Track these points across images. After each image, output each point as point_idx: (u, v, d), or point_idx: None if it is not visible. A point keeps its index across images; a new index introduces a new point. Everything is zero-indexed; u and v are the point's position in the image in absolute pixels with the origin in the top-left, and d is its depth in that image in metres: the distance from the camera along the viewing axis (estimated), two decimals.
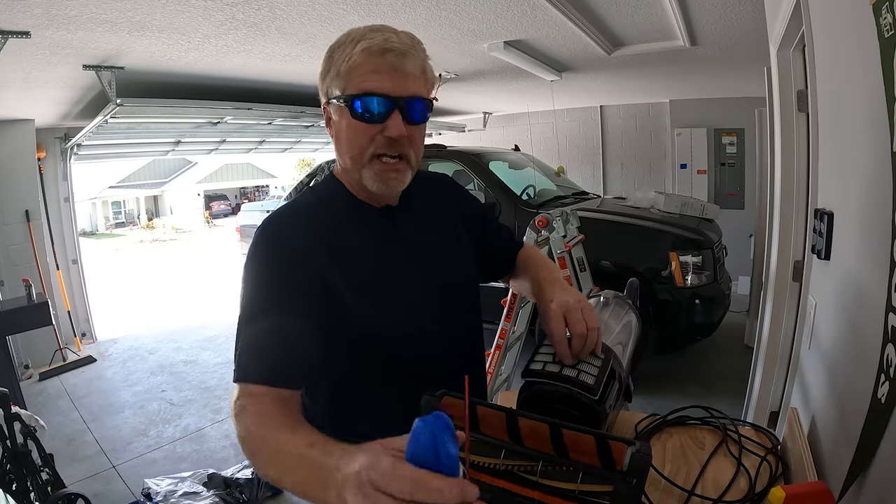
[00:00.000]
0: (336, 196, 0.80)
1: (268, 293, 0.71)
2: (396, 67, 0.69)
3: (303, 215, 0.76)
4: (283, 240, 0.72)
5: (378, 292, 0.76)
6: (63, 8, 1.89)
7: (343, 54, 0.71)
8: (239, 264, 5.86)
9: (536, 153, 4.99)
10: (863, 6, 0.63)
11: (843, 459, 0.66)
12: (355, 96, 0.70)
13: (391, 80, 0.69)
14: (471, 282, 0.91)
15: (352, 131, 0.72)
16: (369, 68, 0.69)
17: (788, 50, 1.73)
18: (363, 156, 0.73)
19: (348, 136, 0.73)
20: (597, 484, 0.49)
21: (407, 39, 0.71)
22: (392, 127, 0.70)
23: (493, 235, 0.99)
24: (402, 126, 0.70)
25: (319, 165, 4.78)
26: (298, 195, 0.84)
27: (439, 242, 0.86)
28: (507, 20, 2.49)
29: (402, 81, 0.70)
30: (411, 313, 0.78)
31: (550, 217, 2.38)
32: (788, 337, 1.77)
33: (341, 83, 0.71)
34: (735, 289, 3.80)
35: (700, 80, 4.23)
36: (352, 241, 0.76)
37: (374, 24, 0.73)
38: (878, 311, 0.59)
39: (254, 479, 2.27)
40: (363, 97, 0.69)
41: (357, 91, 0.70)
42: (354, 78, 0.70)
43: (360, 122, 0.71)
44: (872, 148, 0.67)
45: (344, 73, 0.70)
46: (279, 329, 0.68)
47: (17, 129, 4.01)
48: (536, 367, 0.71)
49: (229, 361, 4.09)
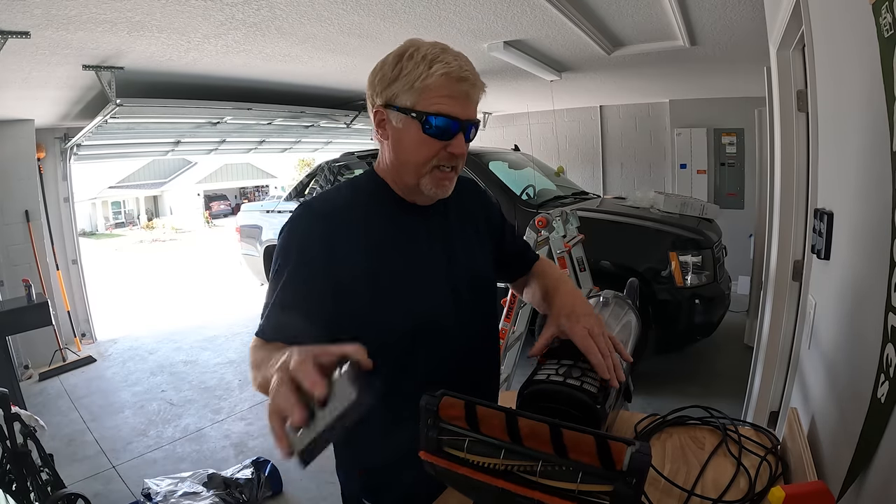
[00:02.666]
0: (378, 190, 0.87)
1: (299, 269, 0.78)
2: (468, 96, 0.79)
3: (342, 209, 0.83)
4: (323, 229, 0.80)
5: (409, 284, 0.83)
6: (63, 8, 1.89)
7: (418, 71, 0.77)
8: (239, 264, 5.87)
9: (536, 153, 4.99)
10: (863, 6, 0.63)
11: (842, 459, 0.66)
12: (430, 114, 0.77)
13: (462, 106, 0.79)
14: (492, 282, 0.99)
15: (421, 143, 0.80)
16: (446, 92, 0.77)
17: (788, 50, 1.73)
18: (427, 165, 0.81)
19: (416, 146, 0.80)
20: (597, 484, 0.49)
21: (473, 70, 0.81)
22: (456, 145, 0.80)
23: (509, 242, 1.06)
24: (465, 145, 0.81)
25: (319, 165, 4.77)
26: (334, 187, 0.92)
27: (467, 242, 0.93)
28: (507, 20, 2.49)
29: (468, 108, 0.80)
30: (437, 307, 0.85)
31: (550, 217, 2.38)
32: (788, 337, 1.77)
33: (413, 97, 0.78)
34: (735, 289, 3.80)
35: (700, 80, 4.24)
36: (387, 235, 0.83)
37: (437, 42, 0.81)
38: (878, 311, 0.59)
39: (254, 479, 2.26)
40: (439, 117, 0.77)
41: (433, 111, 0.77)
42: (431, 97, 0.77)
43: (430, 136, 0.79)
44: (872, 148, 0.67)
45: (419, 89, 0.77)
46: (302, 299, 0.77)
47: (17, 129, 4.02)
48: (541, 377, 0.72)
49: (229, 361, 4.12)
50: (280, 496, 2.29)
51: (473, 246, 0.94)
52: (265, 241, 4.95)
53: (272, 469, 2.35)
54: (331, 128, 5.11)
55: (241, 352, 4.33)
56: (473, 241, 0.95)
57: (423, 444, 0.58)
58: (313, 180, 4.80)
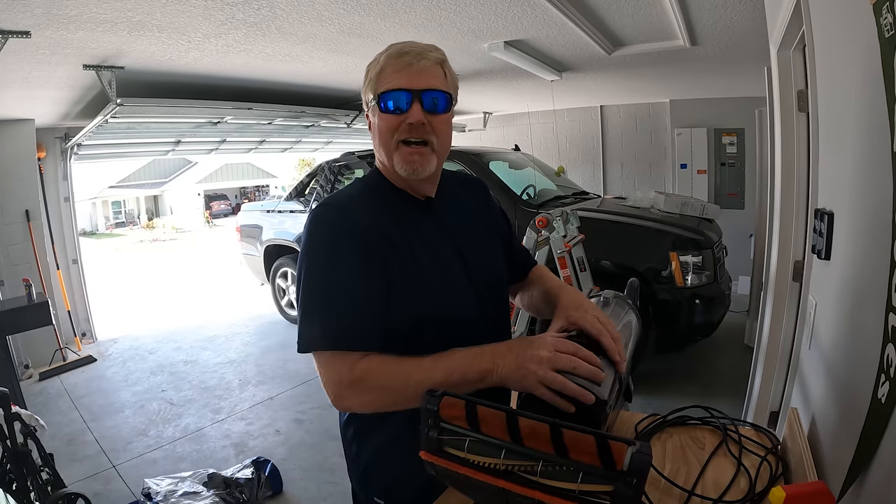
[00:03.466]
0: (382, 186, 0.89)
1: (344, 263, 0.78)
2: (413, 65, 0.80)
3: (358, 201, 0.85)
4: (347, 220, 0.80)
5: (424, 277, 0.83)
6: (63, 8, 1.89)
7: (374, 66, 0.84)
8: (239, 264, 5.87)
9: (536, 153, 4.99)
10: (863, 6, 0.63)
11: (843, 459, 0.66)
12: (382, 93, 0.81)
13: (409, 76, 0.80)
14: (504, 279, 0.99)
15: (382, 123, 0.83)
16: (391, 70, 0.81)
17: (788, 50, 1.73)
18: (391, 143, 0.83)
19: (380, 129, 0.84)
20: (597, 484, 0.49)
21: (425, 45, 0.83)
22: (412, 115, 0.80)
23: (514, 246, 1.06)
24: (421, 113, 0.80)
25: (319, 165, 4.77)
26: (349, 185, 0.92)
27: (478, 238, 0.94)
28: (507, 20, 2.49)
29: (419, 76, 0.80)
30: (451, 300, 0.85)
31: (550, 217, 2.38)
32: (788, 337, 1.77)
33: (373, 87, 0.83)
34: (735, 289, 3.80)
35: (700, 80, 4.23)
36: (399, 228, 0.84)
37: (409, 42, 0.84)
38: (878, 311, 0.59)
39: (254, 479, 2.26)
40: (387, 93, 0.80)
41: (384, 89, 0.81)
42: (381, 81, 0.82)
43: (387, 114, 0.82)
44: (872, 148, 0.67)
45: (374, 78, 0.83)
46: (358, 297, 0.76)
47: (17, 129, 4.02)
48: None
49: (229, 361, 4.12)
50: (280, 496, 2.29)
51: (485, 241, 0.95)
52: (265, 240, 4.96)
53: (272, 469, 2.35)
54: (331, 127, 5.11)
55: (241, 352, 4.34)
56: (484, 238, 0.95)
57: (424, 444, 0.58)
58: (313, 180, 4.80)
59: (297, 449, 2.64)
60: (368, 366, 0.74)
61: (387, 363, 0.75)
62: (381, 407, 0.77)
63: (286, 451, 2.64)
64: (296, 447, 2.66)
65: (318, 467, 2.44)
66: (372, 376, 0.74)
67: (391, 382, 0.74)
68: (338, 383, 0.75)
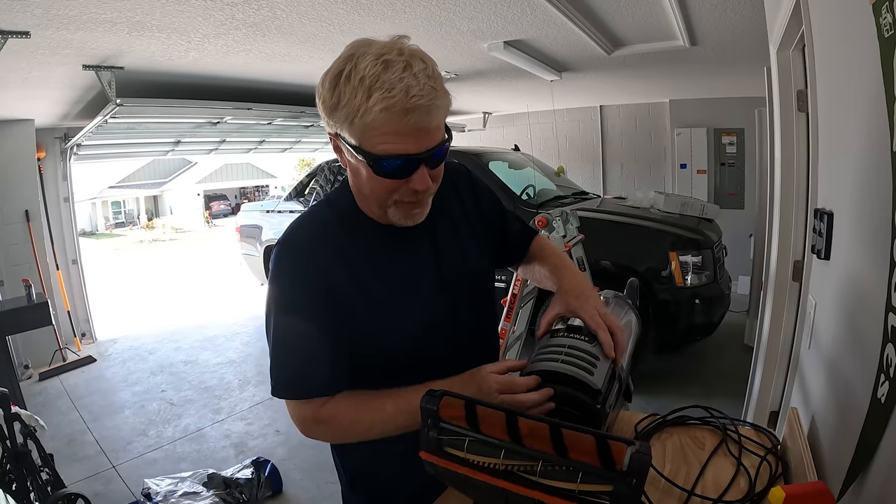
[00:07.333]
0: (356, 216, 0.79)
1: (304, 310, 0.74)
2: (421, 127, 0.64)
3: (322, 234, 0.77)
4: (306, 262, 0.74)
5: (395, 306, 0.78)
6: (63, 8, 1.89)
7: (356, 102, 0.63)
8: (239, 264, 5.87)
9: (536, 153, 4.99)
10: (863, 6, 0.63)
11: (843, 459, 0.66)
12: (379, 156, 0.65)
13: (416, 140, 0.65)
14: (487, 279, 0.94)
15: (376, 183, 0.70)
16: (392, 129, 0.63)
17: (788, 50, 1.73)
18: (388, 201, 0.73)
19: (372, 187, 0.71)
20: (597, 484, 0.49)
21: (428, 85, 0.63)
22: (417, 181, 0.69)
23: (510, 225, 1.00)
24: (428, 179, 0.70)
25: (319, 165, 4.77)
26: (314, 206, 0.83)
27: (456, 240, 0.87)
28: (507, 20, 2.49)
29: (427, 138, 0.66)
30: (428, 321, 0.81)
31: (550, 217, 2.38)
32: (788, 337, 1.77)
33: (357, 135, 0.65)
34: (735, 289, 3.80)
35: (700, 80, 4.23)
36: (368, 263, 0.77)
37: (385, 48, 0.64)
38: (878, 311, 0.59)
39: (254, 479, 2.26)
40: (388, 158, 0.66)
41: (381, 152, 0.65)
42: (375, 137, 0.64)
43: (384, 177, 0.68)
44: (872, 148, 0.67)
45: (359, 127, 0.64)
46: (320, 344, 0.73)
47: (17, 129, 4.02)
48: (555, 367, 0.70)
49: (229, 361, 4.12)
50: (280, 496, 2.29)
51: (463, 240, 0.88)
52: (265, 241, 4.96)
53: (272, 469, 2.35)
54: None
55: (241, 352, 4.34)
56: (464, 235, 0.88)
57: (424, 445, 0.58)
58: (313, 180, 4.80)
59: (297, 449, 2.64)
60: (334, 411, 0.74)
61: (352, 408, 0.74)
62: (349, 442, 0.81)
63: (286, 451, 2.64)
64: (296, 447, 2.66)
65: (318, 467, 2.44)
66: (336, 421, 0.74)
67: (355, 427, 0.74)
68: (303, 423, 0.77)
